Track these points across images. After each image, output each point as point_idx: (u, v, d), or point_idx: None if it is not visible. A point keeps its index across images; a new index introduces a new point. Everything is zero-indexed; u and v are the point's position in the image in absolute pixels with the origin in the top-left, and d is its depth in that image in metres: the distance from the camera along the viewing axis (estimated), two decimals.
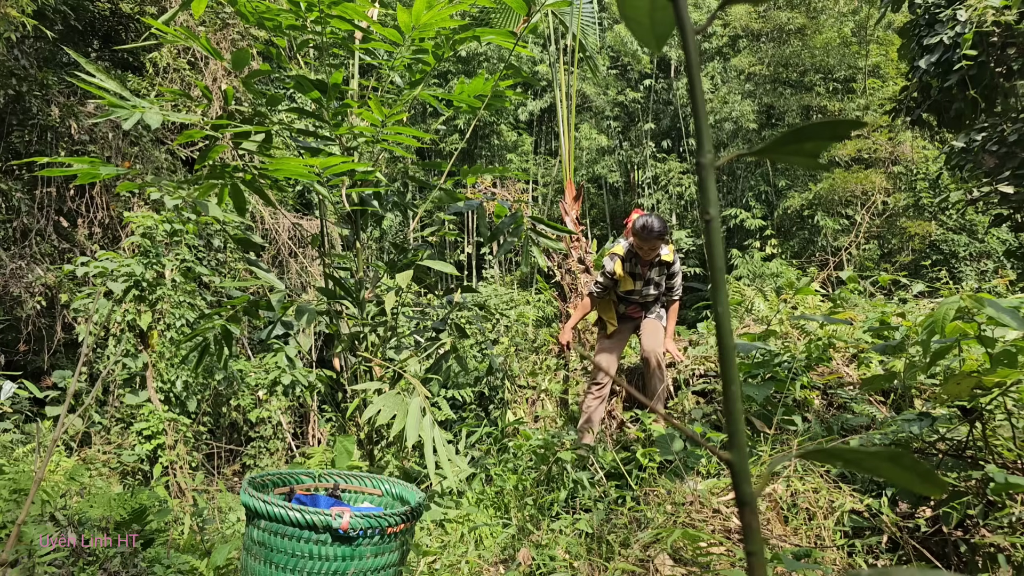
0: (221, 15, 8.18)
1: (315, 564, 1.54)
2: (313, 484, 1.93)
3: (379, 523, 1.58)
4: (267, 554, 1.57)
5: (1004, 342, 2.27)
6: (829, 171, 13.94)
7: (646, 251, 3.78)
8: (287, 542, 1.55)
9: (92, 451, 5.56)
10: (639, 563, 2.12)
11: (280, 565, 1.55)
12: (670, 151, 17.76)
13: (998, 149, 6.11)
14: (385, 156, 3.62)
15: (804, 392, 3.26)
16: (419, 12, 2.71)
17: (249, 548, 1.62)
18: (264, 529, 1.58)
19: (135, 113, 2.31)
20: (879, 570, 0.44)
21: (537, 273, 8.93)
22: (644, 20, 0.54)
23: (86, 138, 7.61)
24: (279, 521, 1.55)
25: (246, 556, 1.63)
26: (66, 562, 2.31)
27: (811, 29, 15.52)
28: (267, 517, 1.57)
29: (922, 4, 6.45)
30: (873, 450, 0.45)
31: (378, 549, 1.61)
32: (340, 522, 1.53)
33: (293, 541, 1.54)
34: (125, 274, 5.46)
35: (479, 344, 7.44)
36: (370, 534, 1.59)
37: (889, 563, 2.04)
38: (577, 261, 6.87)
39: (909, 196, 13.38)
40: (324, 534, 1.54)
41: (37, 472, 1.93)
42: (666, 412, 2.49)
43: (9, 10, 6.23)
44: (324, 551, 1.54)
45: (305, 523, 1.53)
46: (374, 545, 1.60)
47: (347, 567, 1.55)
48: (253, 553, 1.61)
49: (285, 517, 1.53)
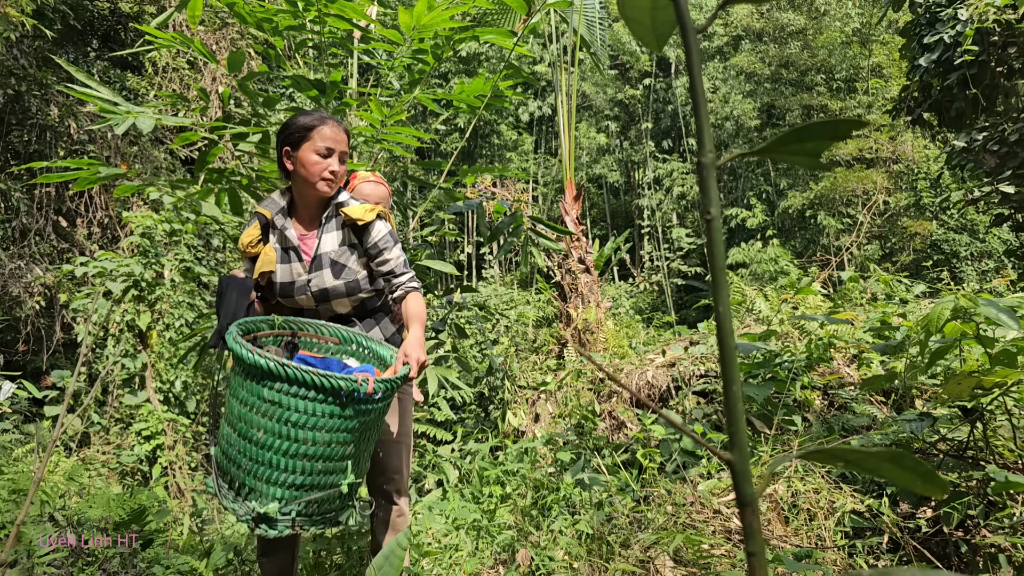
0: (220, 15, 8.17)
1: (332, 422, 1.68)
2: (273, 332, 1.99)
3: (395, 385, 1.74)
4: (283, 413, 1.67)
5: (1004, 342, 2.27)
6: (830, 170, 13.94)
7: None
8: (306, 403, 1.66)
9: (91, 451, 5.56)
10: (639, 564, 2.12)
11: (298, 424, 1.66)
12: (670, 151, 17.76)
13: (999, 149, 6.11)
14: (384, 155, 3.61)
15: (805, 392, 3.26)
16: (420, 13, 2.71)
17: (255, 405, 1.70)
18: (280, 390, 1.66)
19: (127, 119, 2.31)
20: (880, 570, 0.44)
21: (537, 273, 8.93)
22: (645, 20, 0.53)
23: (85, 138, 7.61)
24: (303, 385, 1.64)
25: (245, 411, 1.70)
26: (65, 562, 2.31)
27: (812, 29, 15.52)
28: (288, 380, 1.64)
29: (923, 3, 6.45)
30: (874, 450, 0.45)
31: (382, 408, 1.79)
32: (367, 387, 1.67)
33: (314, 403, 1.66)
34: (124, 274, 5.45)
35: (479, 344, 7.43)
36: (385, 396, 1.75)
37: (890, 563, 2.04)
38: (577, 261, 6.87)
39: (910, 195, 13.38)
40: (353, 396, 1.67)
41: (36, 472, 1.93)
42: (666, 412, 2.49)
43: (8, 10, 6.22)
44: (340, 411, 1.69)
45: (331, 388, 1.64)
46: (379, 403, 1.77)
47: (354, 424, 1.72)
48: (263, 411, 1.68)
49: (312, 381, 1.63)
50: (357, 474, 1.80)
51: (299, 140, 1.95)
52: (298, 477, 1.71)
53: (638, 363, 4.66)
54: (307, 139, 1.94)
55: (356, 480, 1.78)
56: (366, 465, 1.88)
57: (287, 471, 1.71)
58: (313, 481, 1.72)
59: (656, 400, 4.20)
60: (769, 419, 3.02)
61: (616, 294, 13.04)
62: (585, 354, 0.49)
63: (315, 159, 1.94)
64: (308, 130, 1.94)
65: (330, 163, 1.95)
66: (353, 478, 1.76)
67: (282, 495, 1.71)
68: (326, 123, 1.96)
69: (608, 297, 11.06)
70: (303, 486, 1.72)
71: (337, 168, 1.97)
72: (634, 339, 6.89)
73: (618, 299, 12.27)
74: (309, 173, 1.95)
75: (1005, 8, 5.67)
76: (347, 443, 1.74)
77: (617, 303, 11.77)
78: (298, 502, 1.71)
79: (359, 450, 1.80)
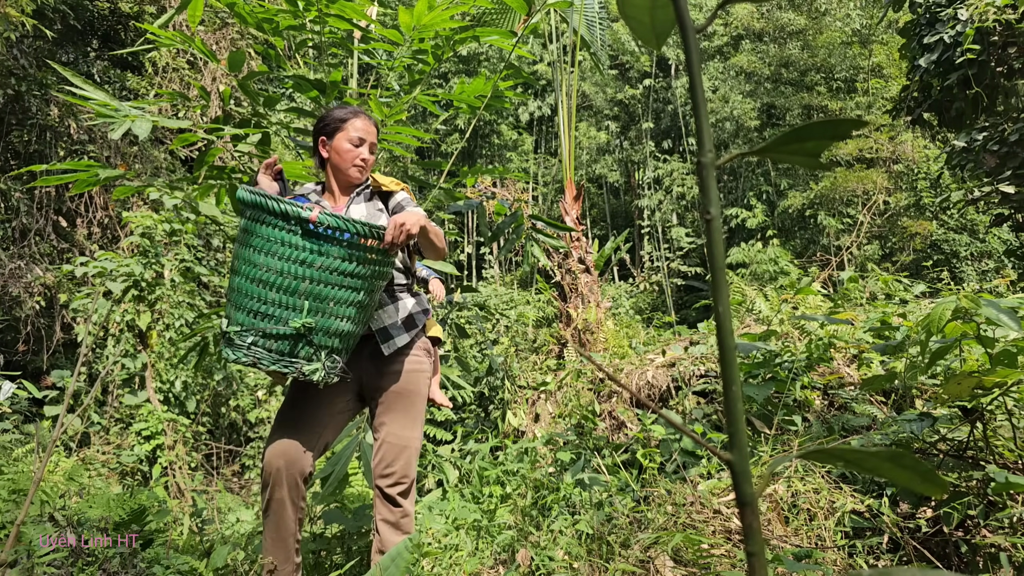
0: (220, 15, 8.17)
1: (286, 250, 1.81)
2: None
3: (345, 225, 1.81)
4: (248, 238, 1.85)
5: (1004, 342, 2.27)
6: (830, 170, 13.94)
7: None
8: (265, 228, 1.82)
9: (91, 451, 5.56)
10: (639, 564, 2.12)
11: (257, 248, 1.82)
12: (671, 151, 17.76)
13: (999, 149, 6.10)
14: (384, 156, 3.61)
15: (805, 392, 3.26)
16: (421, 13, 2.71)
17: (238, 236, 1.90)
18: (249, 217, 1.85)
19: (124, 122, 2.30)
20: (880, 570, 0.44)
21: (537, 273, 8.92)
22: (644, 19, 0.53)
23: (85, 138, 7.61)
24: (260, 209, 1.81)
25: (236, 245, 1.91)
26: (65, 562, 2.31)
27: (812, 29, 15.51)
28: (251, 205, 1.83)
29: (923, 3, 6.45)
30: (874, 450, 0.45)
31: (345, 254, 1.84)
32: (310, 214, 1.78)
33: (269, 228, 1.81)
34: (124, 274, 5.45)
35: (479, 344, 7.43)
36: (337, 235, 1.82)
37: (890, 563, 2.04)
38: (577, 261, 6.87)
39: (910, 195, 13.38)
40: (296, 225, 1.80)
41: (36, 472, 1.93)
42: (666, 412, 2.49)
43: (9, 10, 6.22)
44: (294, 240, 1.81)
45: (280, 211, 1.79)
46: (341, 248, 1.84)
47: (314, 259, 1.82)
48: (240, 240, 1.88)
49: (265, 205, 1.79)
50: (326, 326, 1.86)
51: (334, 130, 2.15)
52: (255, 303, 1.84)
53: (638, 363, 4.66)
54: (341, 129, 2.14)
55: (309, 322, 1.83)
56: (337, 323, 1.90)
57: (247, 296, 1.85)
58: (268, 311, 1.83)
59: (656, 400, 4.20)
60: (769, 419, 3.02)
61: (616, 294, 13.05)
62: (585, 354, 0.49)
63: (348, 147, 2.13)
64: (342, 121, 2.15)
65: (361, 151, 2.15)
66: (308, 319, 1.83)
67: (243, 320, 1.85)
68: (359, 116, 2.17)
69: (608, 297, 11.07)
70: (259, 313, 1.84)
71: (367, 156, 2.16)
72: (634, 339, 6.89)
73: (618, 299, 12.27)
74: (343, 160, 2.14)
75: (1005, 8, 5.67)
76: (301, 278, 1.82)
77: (617, 303, 11.78)
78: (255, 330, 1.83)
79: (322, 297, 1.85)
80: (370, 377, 2.13)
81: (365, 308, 1.96)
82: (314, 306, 1.84)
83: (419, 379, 2.15)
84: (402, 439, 2.07)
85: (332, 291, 1.86)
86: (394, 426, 2.07)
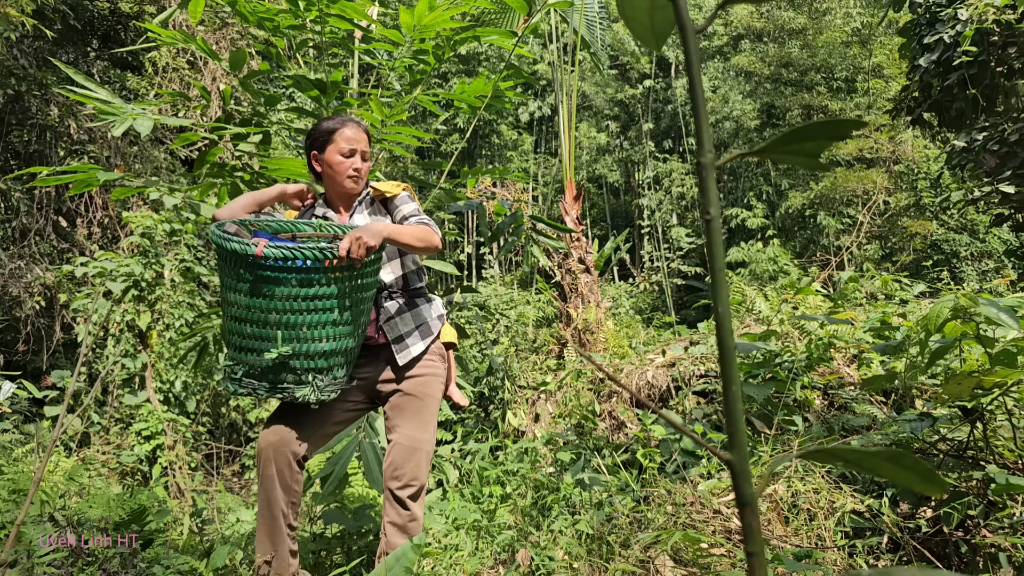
0: (220, 14, 8.17)
1: (246, 286, 1.84)
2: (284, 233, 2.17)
3: (292, 254, 1.82)
4: (221, 277, 1.92)
5: (1004, 342, 2.26)
6: (830, 170, 13.93)
7: None
8: (227, 266, 1.87)
9: (91, 451, 5.55)
10: (639, 564, 2.12)
11: (228, 287, 1.88)
12: (671, 151, 17.76)
13: (999, 149, 6.11)
14: (385, 156, 3.61)
15: (805, 392, 3.26)
16: (421, 13, 2.71)
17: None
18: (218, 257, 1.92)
19: (125, 120, 2.31)
20: (880, 570, 0.44)
21: (537, 273, 8.93)
22: (644, 20, 0.53)
23: (85, 138, 7.61)
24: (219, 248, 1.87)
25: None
26: (65, 562, 2.31)
27: (812, 29, 15.51)
28: (215, 246, 1.89)
29: (923, 3, 6.45)
30: (874, 450, 0.45)
31: (303, 279, 1.85)
32: (254, 250, 1.80)
33: (229, 266, 1.86)
34: (124, 274, 5.45)
35: (479, 344, 7.43)
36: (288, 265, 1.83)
37: (890, 563, 2.04)
38: (577, 261, 6.87)
39: (910, 195, 13.38)
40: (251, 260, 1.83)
41: (36, 472, 1.93)
42: (666, 412, 2.49)
43: (9, 10, 6.22)
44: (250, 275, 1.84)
45: (229, 250, 1.82)
46: (297, 275, 1.84)
47: (272, 291, 1.84)
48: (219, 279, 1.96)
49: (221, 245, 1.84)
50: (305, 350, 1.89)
51: (324, 144, 2.10)
52: (237, 339, 1.89)
53: (638, 363, 4.66)
54: (331, 142, 2.09)
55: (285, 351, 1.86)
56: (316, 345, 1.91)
57: (230, 332, 1.90)
58: (248, 344, 1.87)
59: (656, 400, 4.20)
60: (769, 419, 3.02)
61: (616, 294, 13.05)
62: (585, 354, 0.49)
63: (339, 159, 2.09)
64: (330, 133, 2.10)
65: (353, 162, 2.10)
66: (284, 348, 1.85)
67: (232, 355, 1.91)
68: (346, 125, 2.11)
69: (608, 297, 11.06)
70: (242, 348, 1.88)
71: (360, 165, 2.12)
72: (634, 339, 6.89)
73: (618, 299, 12.27)
74: (336, 172, 2.10)
75: (1005, 8, 5.67)
76: (268, 310, 1.85)
77: (617, 303, 11.78)
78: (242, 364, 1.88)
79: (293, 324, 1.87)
80: (384, 382, 2.13)
81: (349, 323, 1.94)
82: (287, 334, 1.86)
83: (432, 383, 2.14)
84: (413, 442, 2.06)
85: (301, 317, 1.86)
86: (406, 428, 2.07)
